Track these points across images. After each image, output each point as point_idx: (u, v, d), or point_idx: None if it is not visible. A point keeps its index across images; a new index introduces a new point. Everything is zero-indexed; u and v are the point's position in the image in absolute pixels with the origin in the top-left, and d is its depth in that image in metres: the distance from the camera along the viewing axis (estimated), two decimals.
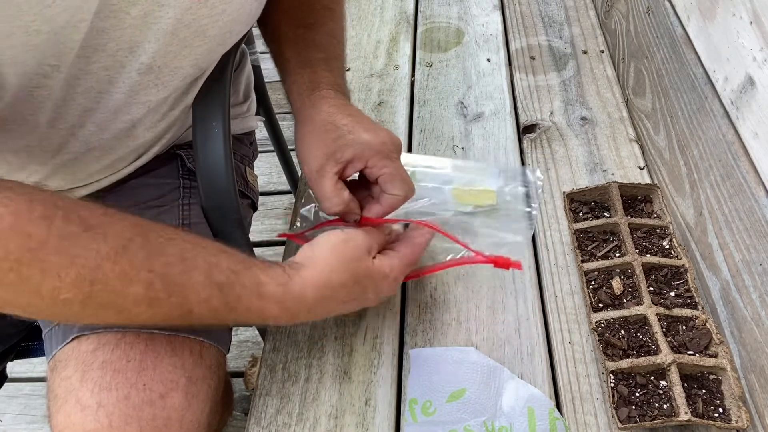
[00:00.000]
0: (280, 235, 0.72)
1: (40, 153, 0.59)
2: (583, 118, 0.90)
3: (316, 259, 0.55)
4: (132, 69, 0.54)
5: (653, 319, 0.62)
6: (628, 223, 0.71)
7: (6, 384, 0.82)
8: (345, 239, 0.56)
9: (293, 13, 0.68)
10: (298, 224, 0.76)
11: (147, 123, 0.64)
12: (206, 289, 0.48)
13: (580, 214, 0.75)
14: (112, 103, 0.57)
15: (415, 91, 0.97)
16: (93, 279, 0.44)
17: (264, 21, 0.70)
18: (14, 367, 1.33)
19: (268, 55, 0.72)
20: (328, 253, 0.55)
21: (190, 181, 0.72)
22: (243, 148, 0.85)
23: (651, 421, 0.55)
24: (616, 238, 0.71)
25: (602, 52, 1.02)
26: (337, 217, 0.66)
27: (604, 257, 0.70)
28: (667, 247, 0.70)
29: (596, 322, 0.63)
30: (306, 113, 0.62)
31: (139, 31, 0.51)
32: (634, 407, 0.57)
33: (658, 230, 0.72)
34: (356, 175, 0.64)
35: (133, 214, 0.52)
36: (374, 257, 0.58)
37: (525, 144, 0.87)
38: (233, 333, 0.70)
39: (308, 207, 0.77)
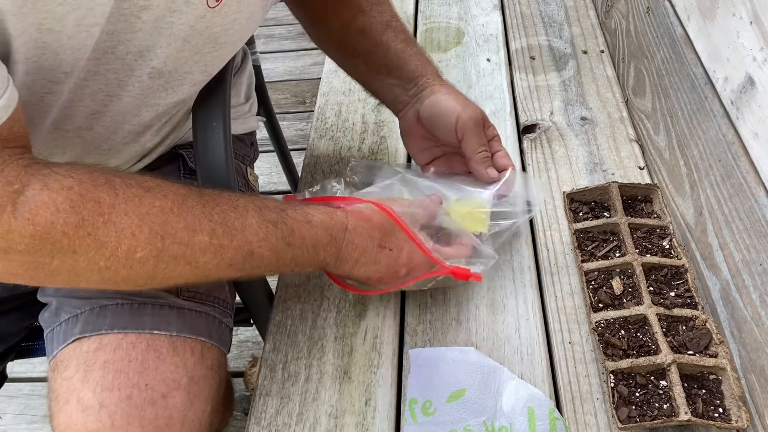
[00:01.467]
0: (285, 197, 0.69)
1: (44, 154, 0.59)
2: (583, 118, 0.90)
3: (362, 203, 0.60)
4: (143, 73, 0.54)
5: (653, 319, 0.62)
6: (628, 223, 0.71)
7: (6, 384, 0.82)
8: (394, 198, 0.62)
9: (375, 10, 0.74)
10: (316, 188, 0.71)
11: (155, 127, 0.64)
12: (262, 228, 0.51)
13: (580, 214, 0.75)
14: (121, 106, 0.57)
15: None
16: (163, 233, 0.46)
17: (330, 21, 0.74)
18: (14, 367, 1.33)
19: (268, 55, 0.73)
20: (376, 200, 0.60)
21: (192, 181, 0.72)
22: (244, 148, 0.85)
23: (651, 421, 0.55)
24: (616, 238, 0.72)
25: (602, 52, 1.02)
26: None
27: (604, 257, 0.70)
28: (667, 247, 0.70)
29: (596, 322, 0.63)
30: (449, 86, 0.72)
31: (149, 35, 0.51)
32: (634, 407, 0.57)
33: (658, 230, 0.72)
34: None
35: None
36: (419, 229, 0.63)
37: (525, 144, 0.87)
38: (233, 333, 0.70)
39: (338, 179, 0.72)
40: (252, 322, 0.81)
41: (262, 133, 1.17)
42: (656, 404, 0.57)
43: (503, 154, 0.71)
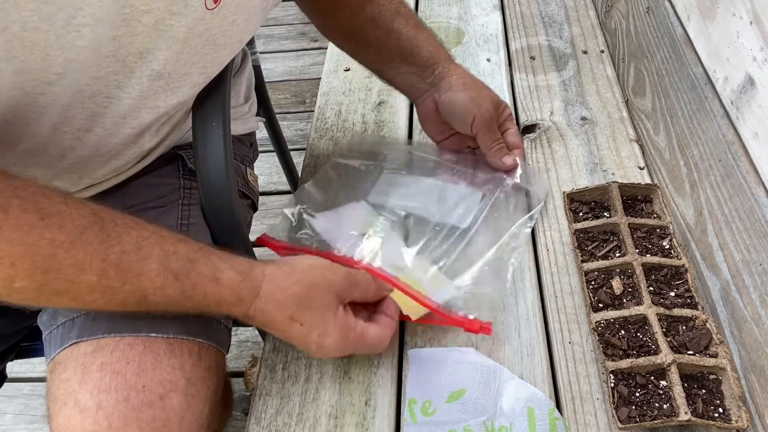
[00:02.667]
0: (257, 240, 0.73)
1: (43, 156, 0.59)
2: (583, 118, 0.90)
3: (289, 264, 0.56)
4: (143, 75, 0.54)
5: (653, 319, 0.62)
6: (628, 223, 0.71)
7: (6, 384, 0.82)
8: (328, 266, 0.57)
9: (384, 1, 0.74)
10: (281, 225, 0.75)
11: (153, 128, 0.64)
12: (160, 277, 0.49)
13: (580, 214, 0.75)
14: (121, 108, 0.57)
15: None
16: (47, 268, 0.45)
17: (341, 11, 0.75)
18: (14, 367, 1.33)
19: (268, 55, 0.74)
20: (303, 266, 0.56)
21: (191, 182, 0.72)
22: (243, 148, 0.85)
23: (651, 421, 0.55)
24: (616, 238, 0.71)
25: (602, 52, 1.02)
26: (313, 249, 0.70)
27: (604, 257, 0.70)
28: (667, 247, 0.70)
29: (596, 322, 0.63)
30: (464, 74, 0.75)
31: (150, 38, 0.51)
32: (634, 407, 0.57)
33: (658, 230, 0.72)
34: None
35: (132, 214, 0.52)
36: (345, 306, 0.57)
37: (525, 144, 0.87)
38: (233, 333, 0.70)
39: (293, 209, 0.76)
40: None
41: (262, 133, 1.16)
42: (656, 404, 0.57)
43: (513, 132, 0.77)
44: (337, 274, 0.57)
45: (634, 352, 0.61)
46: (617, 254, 0.70)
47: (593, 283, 0.68)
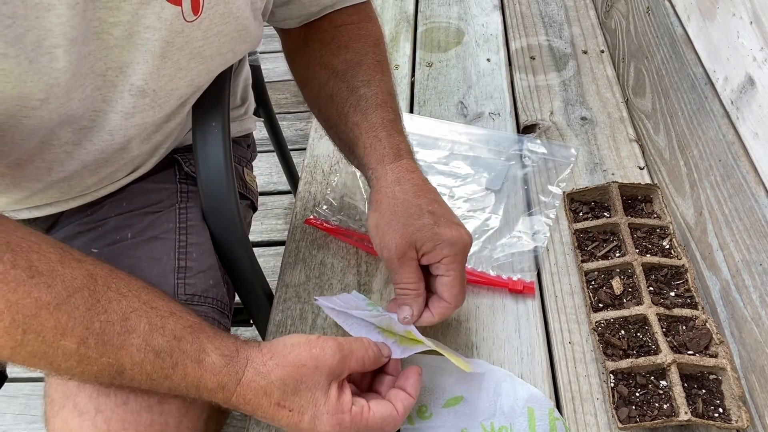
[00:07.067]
0: (306, 221, 0.77)
1: (32, 170, 0.59)
2: (583, 118, 0.90)
3: (270, 346, 0.52)
4: (124, 90, 0.54)
5: (653, 319, 0.62)
6: (628, 223, 0.71)
7: (6, 384, 0.82)
8: (313, 342, 0.52)
9: (349, 73, 0.66)
10: (324, 208, 0.78)
11: (141, 136, 0.63)
12: (140, 353, 0.47)
13: (580, 214, 0.75)
14: (108, 123, 0.56)
15: (415, 91, 0.97)
16: (27, 327, 0.43)
17: (311, 83, 0.69)
18: (14, 367, 1.33)
19: (268, 55, 0.72)
20: (284, 347, 0.52)
21: (188, 186, 0.72)
22: (240, 149, 0.85)
23: (651, 421, 0.55)
24: (616, 238, 0.71)
25: (602, 52, 1.02)
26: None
27: (604, 257, 0.70)
28: (667, 247, 0.70)
29: (596, 322, 0.63)
30: (388, 188, 0.59)
31: (126, 51, 0.51)
32: (634, 407, 0.57)
33: (658, 230, 0.72)
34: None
35: (130, 218, 0.51)
36: (341, 384, 0.52)
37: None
38: (233, 333, 0.69)
39: (335, 194, 0.80)
40: (252, 322, 0.81)
41: (262, 133, 1.17)
42: (656, 404, 0.57)
43: (447, 281, 0.57)
44: (324, 348, 0.51)
45: (634, 352, 0.61)
46: (617, 254, 0.70)
47: (593, 283, 0.68)
